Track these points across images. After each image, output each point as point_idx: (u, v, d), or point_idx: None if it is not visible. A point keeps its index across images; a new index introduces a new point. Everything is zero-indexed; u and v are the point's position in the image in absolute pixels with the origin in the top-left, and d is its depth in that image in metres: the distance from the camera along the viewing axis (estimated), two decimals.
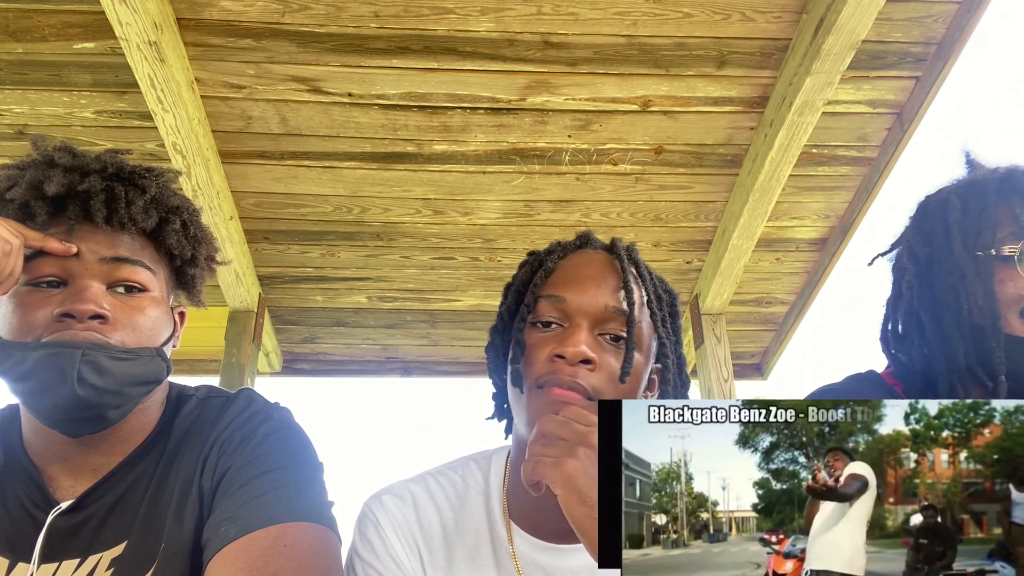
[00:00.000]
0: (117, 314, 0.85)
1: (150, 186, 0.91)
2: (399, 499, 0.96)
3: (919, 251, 1.04)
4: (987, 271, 0.95)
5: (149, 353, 0.87)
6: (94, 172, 0.88)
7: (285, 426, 0.91)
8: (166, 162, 2.10)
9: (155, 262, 0.91)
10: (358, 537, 0.95)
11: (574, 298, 0.88)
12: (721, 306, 2.74)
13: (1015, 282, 0.93)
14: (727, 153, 2.36)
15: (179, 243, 0.93)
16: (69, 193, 0.86)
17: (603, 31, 2.00)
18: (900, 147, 2.28)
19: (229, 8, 1.92)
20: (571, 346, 0.84)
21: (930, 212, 1.05)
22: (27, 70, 2.04)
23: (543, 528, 0.92)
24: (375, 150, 2.31)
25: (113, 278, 0.86)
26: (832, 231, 2.68)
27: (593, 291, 0.89)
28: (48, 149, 0.90)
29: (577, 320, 0.87)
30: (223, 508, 0.81)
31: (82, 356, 0.79)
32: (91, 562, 0.83)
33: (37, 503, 0.85)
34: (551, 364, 0.85)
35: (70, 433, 0.85)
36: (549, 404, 0.82)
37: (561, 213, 2.55)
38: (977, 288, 0.95)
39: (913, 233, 1.07)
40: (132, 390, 0.85)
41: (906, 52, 2.09)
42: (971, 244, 0.97)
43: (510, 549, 0.91)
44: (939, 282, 0.99)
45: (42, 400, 0.81)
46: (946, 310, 0.98)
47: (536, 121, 2.23)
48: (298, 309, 2.97)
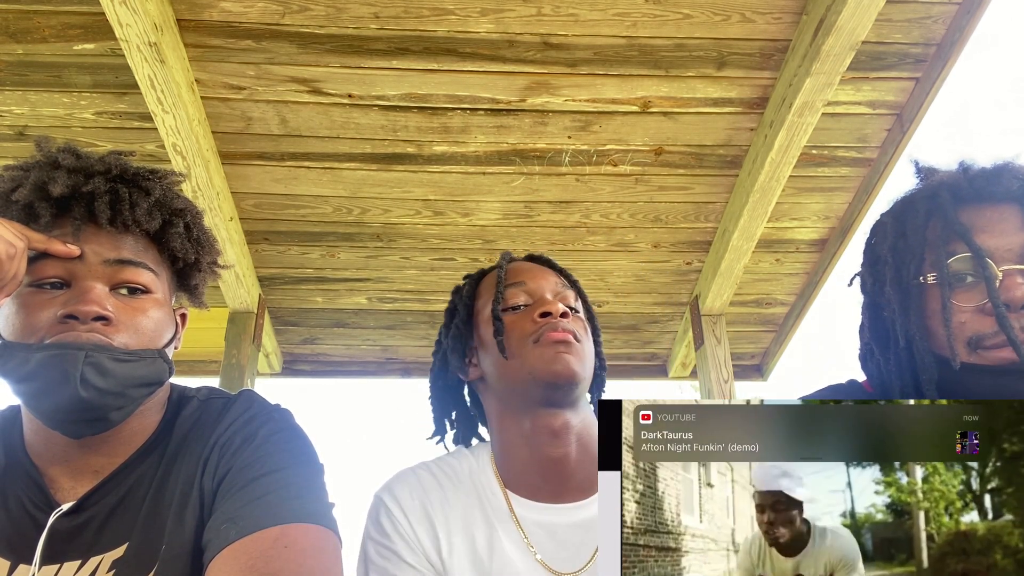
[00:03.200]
0: (120, 316, 0.85)
1: (154, 188, 0.91)
2: (406, 483, 1.04)
3: (867, 280, 1.01)
4: (919, 302, 0.90)
5: (151, 355, 0.87)
6: (98, 174, 0.88)
7: (286, 427, 0.91)
8: (166, 163, 2.10)
9: (158, 264, 0.92)
10: (371, 523, 1.02)
11: (533, 281, 1.09)
12: (721, 307, 2.74)
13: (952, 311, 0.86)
14: (727, 154, 2.37)
15: (182, 246, 0.94)
16: (73, 194, 0.86)
17: (603, 32, 2.00)
18: (900, 148, 2.29)
19: (229, 9, 1.92)
20: (550, 304, 1.04)
21: (874, 237, 1.01)
22: (27, 71, 2.04)
23: (538, 490, 1.02)
24: (375, 151, 2.31)
25: (116, 280, 0.87)
26: (832, 232, 2.69)
27: (543, 275, 1.11)
28: (52, 150, 0.90)
29: (541, 294, 1.08)
30: (224, 509, 0.81)
31: (85, 357, 0.80)
32: (92, 564, 0.83)
33: (38, 504, 0.85)
34: (537, 323, 1.03)
35: (72, 434, 0.85)
36: (551, 345, 1.00)
37: (561, 214, 2.55)
38: (907, 321, 0.90)
39: (864, 260, 1.03)
40: (134, 392, 0.85)
41: (906, 53, 2.09)
42: (903, 274, 0.92)
43: (511, 514, 1.01)
44: (883, 313, 0.96)
45: (45, 401, 0.81)
46: (889, 341, 0.95)
47: (536, 122, 2.23)
48: (298, 310, 2.98)
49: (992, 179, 0.91)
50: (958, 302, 0.87)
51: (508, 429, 1.05)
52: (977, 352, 0.85)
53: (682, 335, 3.06)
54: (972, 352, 0.86)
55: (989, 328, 0.84)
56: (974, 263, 0.86)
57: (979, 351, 0.85)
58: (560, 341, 1.00)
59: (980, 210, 0.90)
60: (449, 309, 1.19)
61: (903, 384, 0.92)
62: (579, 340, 1.02)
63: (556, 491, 1.02)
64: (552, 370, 0.98)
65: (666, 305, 3.00)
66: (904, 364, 0.92)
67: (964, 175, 0.94)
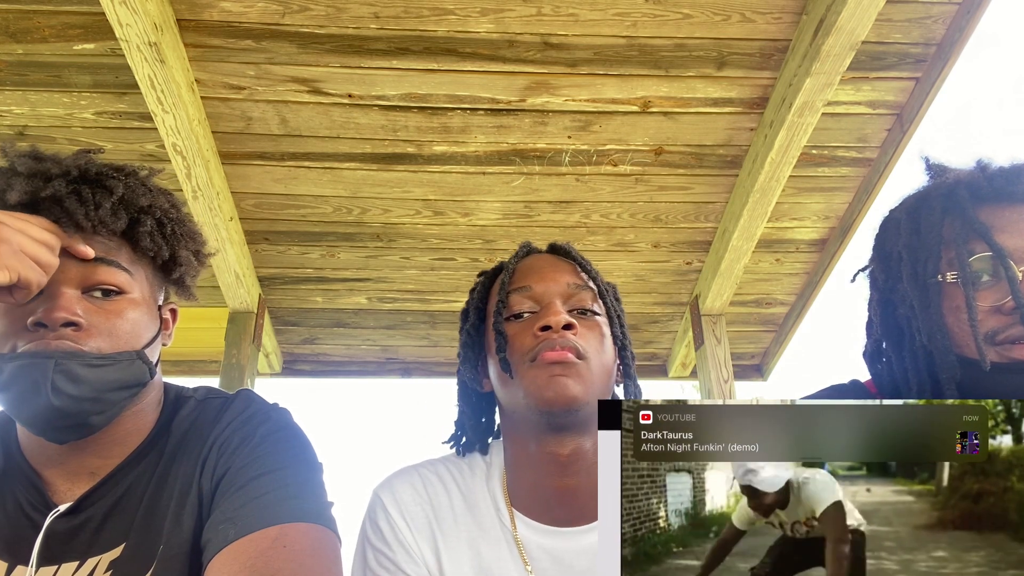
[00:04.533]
0: (92, 320, 0.83)
1: (117, 187, 0.88)
2: (408, 483, 0.99)
3: (878, 276, 1.00)
4: (936, 299, 0.90)
5: (128, 357, 0.85)
6: (57, 176, 0.85)
7: (284, 427, 0.91)
8: (166, 163, 2.10)
9: (132, 262, 0.89)
10: (368, 524, 0.97)
11: (539, 284, 0.97)
12: (721, 307, 2.74)
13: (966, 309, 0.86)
14: (727, 154, 2.36)
15: (154, 243, 0.90)
16: (33, 200, 0.84)
17: (603, 32, 2.00)
18: (900, 148, 2.28)
19: (229, 9, 1.92)
20: (552, 315, 0.92)
21: (886, 234, 1.00)
22: (27, 71, 2.04)
23: (545, 514, 0.95)
24: (375, 151, 2.31)
25: (90, 282, 0.85)
26: (832, 232, 2.69)
27: (554, 275, 0.99)
28: (13, 155, 0.87)
29: (547, 300, 0.96)
30: (222, 509, 0.81)
31: (55, 366, 0.78)
32: (90, 564, 0.83)
33: (35, 506, 0.85)
34: (537, 338, 0.92)
35: (56, 440, 0.84)
36: (546, 367, 0.89)
37: (561, 214, 2.55)
38: (927, 318, 0.89)
39: (874, 256, 1.02)
40: (112, 395, 0.84)
41: (906, 53, 2.09)
42: (920, 271, 0.92)
43: (514, 535, 0.94)
44: (897, 310, 0.96)
45: (23, 411, 0.81)
46: (903, 338, 0.94)
47: (536, 122, 2.23)
48: (298, 310, 2.97)
49: (1012, 178, 0.91)
50: (975, 301, 0.87)
51: (515, 449, 0.98)
52: (995, 350, 0.85)
53: (682, 335, 3.06)
54: (988, 348, 0.86)
55: (1003, 324, 0.85)
56: (993, 263, 0.86)
57: (996, 347, 0.85)
58: (556, 362, 0.89)
59: (999, 210, 0.89)
60: (463, 311, 1.10)
61: (919, 382, 0.92)
62: (583, 356, 0.90)
63: (565, 517, 0.94)
64: (544, 397, 0.88)
65: (666, 305, 3.00)
66: (921, 361, 0.91)
67: (983, 173, 0.93)
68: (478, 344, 1.04)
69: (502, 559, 0.93)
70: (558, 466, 0.92)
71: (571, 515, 0.94)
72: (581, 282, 0.99)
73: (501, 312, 0.97)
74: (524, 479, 0.96)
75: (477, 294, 1.07)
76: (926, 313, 0.90)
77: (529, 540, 0.94)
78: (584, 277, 1.00)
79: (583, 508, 0.93)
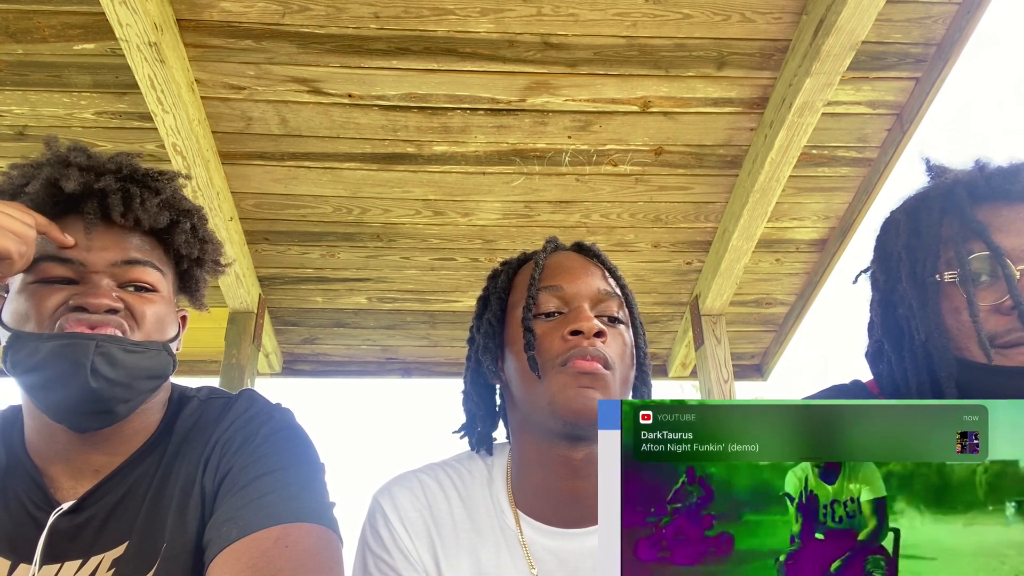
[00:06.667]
0: (128, 309, 0.86)
1: (163, 188, 0.93)
2: (408, 490, 0.98)
3: (879, 277, 1.00)
4: (935, 300, 0.90)
5: (158, 347, 0.88)
6: (109, 172, 0.90)
7: (286, 427, 0.91)
8: (166, 163, 2.10)
9: (164, 264, 0.93)
10: (368, 530, 0.97)
11: (570, 285, 0.95)
12: (721, 307, 2.75)
13: (965, 309, 0.86)
14: (727, 154, 2.37)
15: (188, 244, 0.95)
16: (84, 192, 0.87)
17: (603, 32, 2.00)
18: (900, 148, 2.29)
19: (229, 9, 1.92)
20: (585, 320, 0.90)
21: (886, 235, 1.00)
22: (27, 71, 2.04)
23: (551, 515, 0.94)
24: (375, 151, 2.31)
25: (124, 279, 0.88)
26: (832, 232, 2.69)
27: (585, 278, 0.97)
28: (62, 149, 0.92)
29: (578, 303, 0.94)
30: (225, 509, 0.81)
31: (96, 347, 0.80)
32: (93, 563, 0.83)
33: (38, 504, 0.85)
34: (567, 342, 0.90)
35: (77, 428, 0.85)
36: (576, 376, 0.88)
37: (561, 214, 2.55)
38: (926, 318, 0.89)
39: (875, 257, 1.02)
40: (141, 384, 0.86)
41: (906, 53, 2.09)
42: (919, 271, 0.91)
43: (519, 537, 0.94)
44: (897, 310, 0.96)
45: (54, 392, 0.82)
46: (903, 338, 0.94)
47: (536, 122, 2.24)
48: (298, 310, 2.98)
49: (1010, 178, 0.90)
50: (976, 299, 0.87)
51: (526, 449, 0.96)
52: (995, 351, 0.85)
53: (682, 335, 3.06)
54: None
55: (1003, 327, 0.85)
56: (992, 262, 0.86)
57: (995, 351, 0.85)
58: (586, 372, 0.87)
59: (997, 209, 0.89)
60: (482, 297, 1.06)
61: (919, 382, 0.92)
62: (610, 366, 0.89)
63: (572, 518, 0.93)
64: (572, 408, 0.86)
65: (666, 305, 3.00)
66: (921, 362, 0.91)
67: (980, 173, 0.93)
68: (500, 333, 1.00)
69: (502, 564, 0.92)
70: (570, 469, 0.92)
71: (578, 516, 0.93)
72: (610, 288, 0.98)
73: (530, 308, 0.94)
74: (532, 479, 0.95)
75: (500, 284, 1.03)
76: (924, 313, 0.90)
77: (534, 542, 0.94)
78: (612, 283, 0.99)
79: (591, 509, 0.92)
